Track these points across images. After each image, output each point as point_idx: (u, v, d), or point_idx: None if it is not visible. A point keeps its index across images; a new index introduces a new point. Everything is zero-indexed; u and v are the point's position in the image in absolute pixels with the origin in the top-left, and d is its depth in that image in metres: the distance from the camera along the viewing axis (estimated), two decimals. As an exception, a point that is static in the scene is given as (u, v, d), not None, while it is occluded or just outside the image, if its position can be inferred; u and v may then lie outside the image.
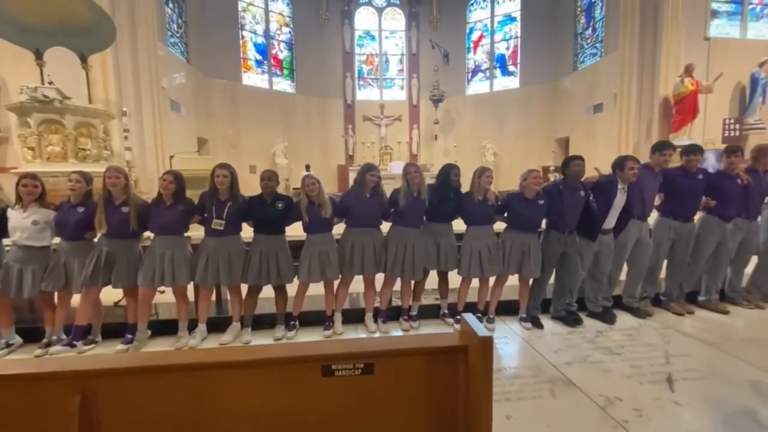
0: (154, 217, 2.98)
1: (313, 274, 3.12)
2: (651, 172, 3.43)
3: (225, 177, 3.01)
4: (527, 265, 3.21)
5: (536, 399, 2.24)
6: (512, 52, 14.37)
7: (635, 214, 3.37)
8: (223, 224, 2.99)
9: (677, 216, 3.51)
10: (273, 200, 3.12)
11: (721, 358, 2.71)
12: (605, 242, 3.35)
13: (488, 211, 3.26)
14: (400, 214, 3.22)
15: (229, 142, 12.23)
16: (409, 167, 3.26)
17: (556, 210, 3.20)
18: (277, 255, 3.10)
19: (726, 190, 3.46)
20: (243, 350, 1.38)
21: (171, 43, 10.20)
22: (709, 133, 9.14)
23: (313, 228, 3.14)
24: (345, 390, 1.30)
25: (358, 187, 3.22)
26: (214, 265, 3.02)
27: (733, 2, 9.68)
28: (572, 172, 3.21)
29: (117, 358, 1.51)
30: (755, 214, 3.62)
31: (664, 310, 3.62)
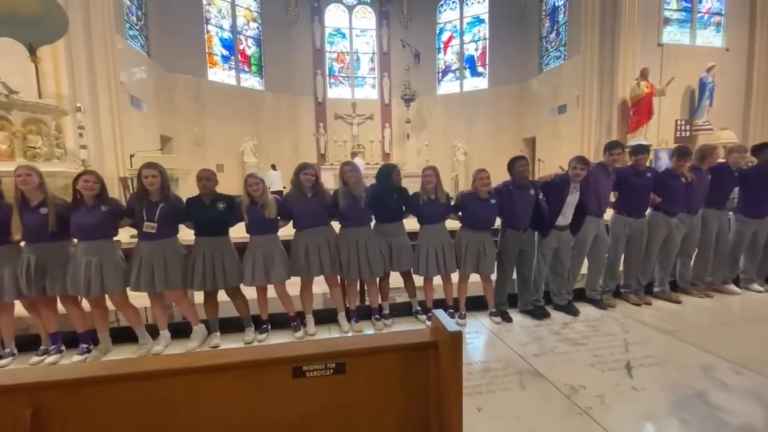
0: (75, 221, 2.75)
1: (258, 277, 3.03)
2: (605, 171, 3.61)
3: (154, 177, 2.82)
4: (483, 264, 3.30)
5: (506, 391, 2.31)
6: (481, 53, 14.69)
7: (591, 212, 3.53)
8: (155, 227, 2.83)
9: (630, 212, 3.71)
10: (213, 201, 3.00)
11: (674, 344, 2.89)
12: (563, 238, 3.49)
13: (438, 210, 3.30)
14: (343, 215, 3.20)
15: (195, 140, 11.80)
16: (344, 167, 3.22)
17: (507, 209, 3.31)
18: (222, 257, 2.98)
19: (672, 188, 3.69)
20: (209, 354, 1.33)
21: (130, 36, 9.71)
22: (662, 133, 9.71)
23: (256, 229, 3.06)
24: (317, 391, 1.28)
25: (295, 188, 3.13)
26: (148, 270, 2.85)
27: (683, 10, 10.32)
28: (517, 173, 3.33)
29: (71, 368, 1.42)
30: (696, 210, 3.87)
31: (624, 301, 3.82)
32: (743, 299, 3.89)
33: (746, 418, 1.99)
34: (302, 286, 3.25)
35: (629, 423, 1.98)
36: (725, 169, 3.92)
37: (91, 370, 1.26)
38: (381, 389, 1.33)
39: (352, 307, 3.35)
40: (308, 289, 3.26)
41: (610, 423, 1.97)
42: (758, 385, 2.30)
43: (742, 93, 10.44)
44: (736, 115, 10.37)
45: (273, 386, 1.26)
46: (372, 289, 3.37)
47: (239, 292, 3.14)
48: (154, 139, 9.98)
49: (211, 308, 3.08)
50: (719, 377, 2.40)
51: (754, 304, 3.76)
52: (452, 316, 3.40)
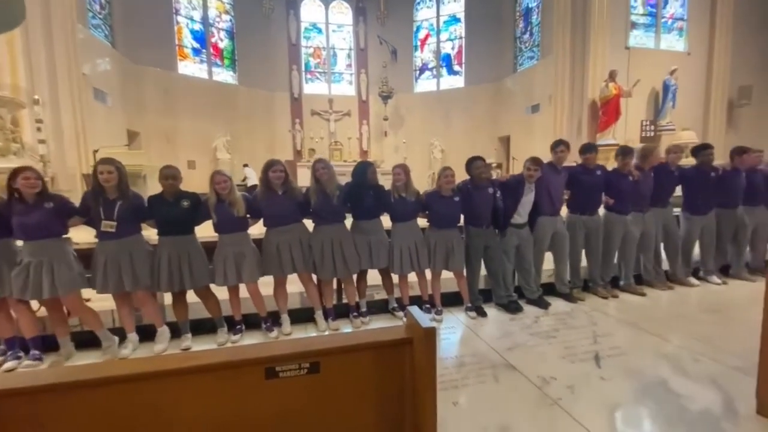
0: (17, 221, 2.57)
1: (230, 277, 2.96)
2: (554, 170, 3.73)
3: (110, 173, 2.68)
4: (452, 260, 3.36)
5: (480, 384, 2.35)
6: (457, 52, 14.85)
7: (545, 211, 3.67)
8: (114, 225, 2.70)
9: (583, 211, 3.86)
10: (177, 198, 2.89)
11: (639, 335, 3.03)
12: (523, 236, 3.62)
13: (407, 208, 3.33)
14: (316, 213, 3.18)
15: (165, 135, 11.38)
16: (317, 164, 3.19)
17: (467, 207, 3.40)
18: (189, 257, 2.89)
19: (621, 187, 3.85)
20: (178, 357, 1.29)
21: (93, 25, 9.25)
22: (629, 133, 10.12)
23: (225, 227, 2.98)
24: (291, 391, 1.27)
25: (264, 185, 3.07)
26: (114, 271, 2.72)
27: (649, 15, 10.77)
28: (474, 173, 3.43)
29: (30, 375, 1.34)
30: (645, 208, 4.05)
31: (593, 294, 3.96)
32: (701, 291, 4.10)
33: (705, 404, 2.11)
34: (275, 284, 3.19)
35: (597, 412, 2.06)
36: (665, 168, 4.12)
37: (51, 377, 1.19)
38: (356, 387, 1.32)
39: (328, 306, 3.32)
40: (282, 288, 3.21)
41: (578, 412, 2.04)
42: (715, 372, 2.43)
43: (702, 95, 11.00)
44: (696, 116, 10.93)
45: (245, 388, 1.24)
46: (349, 287, 3.35)
47: (209, 292, 3.06)
48: (120, 134, 9.56)
49: (180, 310, 2.98)
50: (680, 365, 2.53)
51: (711, 295, 3.98)
52: (428, 312, 3.43)
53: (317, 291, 3.31)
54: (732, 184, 4.21)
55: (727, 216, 4.28)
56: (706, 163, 4.13)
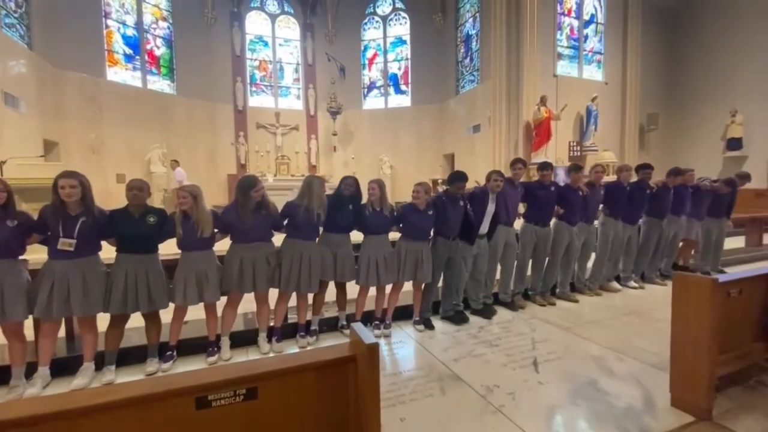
0: None
1: (190, 297, 2.78)
2: (512, 184, 4.01)
3: (73, 188, 2.45)
4: (421, 271, 3.41)
5: (428, 398, 2.36)
6: (404, 72, 15.37)
7: (502, 221, 3.89)
8: (73, 244, 2.47)
9: (537, 222, 4.15)
10: (142, 214, 2.70)
11: (572, 339, 3.24)
12: (482, 246, 3.79)
13: (384, 222, 3.37)
14: (296, 227, 3.13)
15: (90, 146, 10.39)
16: (320, 179, 3.24)
17: (441, 219, 3.50)
18: (147, 277, 2.68)
19: (572, 200, 4.22)
20: (94, 392, 1.14)
21: (6, 24, 8.31)
22: (559, 153, 11.05)
23: (189, 244, 2.81)
24: (225, 421, 1.18)
25: (239, 203, 2.94)
26: (62, 293, 2.46)
27: (572, 47, 11.98)
28: (454, 189, 3.56)
29: None
30: (592, 219, 4.46)
31: (532, 302, 4.20)
32: (623, 295, 4.52)
33: (628, 400, 2.29)
34: (227, 303, 3.01)
35: (536, 416, 2.15)
36: (620, 185, 4.57)
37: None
38: (297, 411, 1.26)
39: (277, 325, 3.17)
40: (233, 308, 3.03)
41: (520, 418, 2.12)
42: (636, 370, 2.67)
43: (618, 120, 12.38)
44: (614, 138, 12.25)
45: (172, 422, 1.13)
46: (302, 303, 3.23)
47: (157, 316, 2.81)
48: (35, 144, 8.56)
49: (114, 337, 2.69)
50: (607, 365, 2.74)
51: (631, 299, 4.40)
52: (378, 327, 3.41)
53: (268, 312, 3.16)
54: (663, 199, 4.78)
55: (654, 225, 4.82)
56: (644, 180, 4.65)
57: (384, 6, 15.26)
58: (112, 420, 1.08)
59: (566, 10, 11.81)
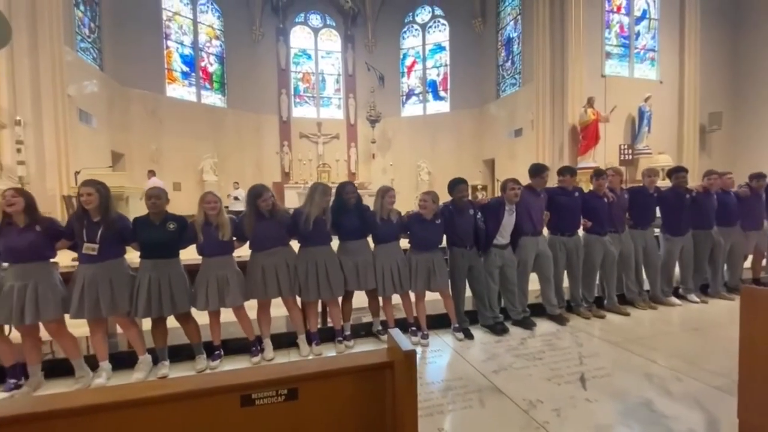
0: (6, 243, 2.53)
1: (212, 301, 2.89)
2: (534, 193, 3.82)
3: (90, 195, 2.62)
4: (434, 280, 3.35)
5: (466, 409, 2.30)
6: (442, 78, 15.33)
7: (527, 232, 3.73)
8: (96, 248, 2.64)
9: (563, 231, 3.93)
10: (163, 221, 2.84)
11: (623, 355, 3.03)
12: (506, 257, 3.65)
13: (392, 230, 3.35)
14: (304, 235, 3.17)
15: (150, 157, 11.29)
16: (322, 186, 3.24)
17: (450, 228, 3.45)
18: (169, 281, 2.80)
19: (597, 208, 3.96)
20: (150, 385, 1.24)
21: (81, 48, 9.29)
22: (608, 156, 10.47)
23: (210, 250, 2.92)
24: (267, 419, 1.22)
25: (251, 212, 3.04)
26: (92, 295, 2.64)
27: (622, 46, 11.36)
28: (456, 197, 3.49)
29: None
30: (621, 229, 4.16)
31: (576, 315, 3.98)
32: (683, 310, 4.17)
33: (690, 425, 2.10)
34: (259, 308, 3.12)
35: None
36: (642, 191, 4.26)
37: (16, 408, 1.12)
38: (336, 414, 1.29)
39: (312, 330, 3.25)
40: (265, 312, 3.14)
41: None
42: (697, 391, 2.45)
43: (675, 121, 11.53)
44: (671, 140, 11.41)
45: (219, 417, 1.19)
46: (333, 310, 3.30)
47: (190, 317, 2.96)
48: (104, 156, 9.45)
49: (159, 335, 2.88)
50: (663, 385, 2.53)
51: (691, 314, 4.04)
52: (415, 334, 3.39)
53: (302, 315, 3.25)
54: (705, 206, 4.35)
55: (702, 237, 4.40)
56: (680, 185, 4.28)
57: (423, 14, 15.36)
58: (165, 412, 1.16)
59: (615, 7, 11.26)
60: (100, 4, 10.22)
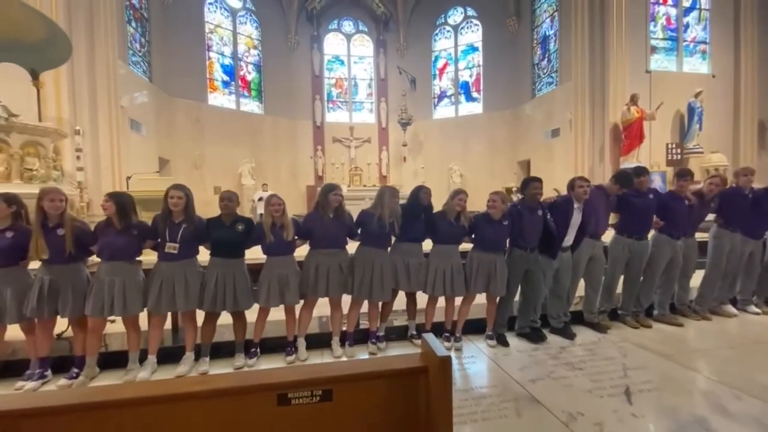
0: (103, 242, 2.78)
1: (272, 299, 3.01)
2: (603, 193, 3.64)
3: (180, 198, 2.86)
4: (494, 284, 3.26)
5: (502, 418, 2.24)
6: (475, 79, 15.09)
7: (589, 233, 3.54)
8: (177, 248, 2.85)
9: (631, 234, 3.70)
10: (233, 222, 3.01)
11: (674, 369, 2.84)
12: (564, 260, 3.49)
13: (458, 232, 3.31)
14: (369, 236, 3.22)
15: (193, 162, 11.88)
16: (387, 190, 3.30)
17: (517, 229, 3.32)
18: (234, 279, 2.96)
19: (676, 210, 3.71)
20: (192, 381, 1.29)
21: (133, 61, 9.94)
22: (654, 156, 9.88)
23: (274, 250, 3.06)
24: (302, 419, 1.24)
25: (320, 208, 3.17)
26: (168, 290, 2.85)
27: (669, 39, 10.71)
28: (530, 195, 3.36)
29: (51, 395, 1.37)
30: (693, 232, 3.88)
31: (622, 324, 3.77)
32: (741, 321, 3.85)
33: (749, 447, 1.93)
34: (303, 306, 3.21)
35: (629, 452, 1.92)
36: (738, 192, 3.93)
37: (70, 398, 1.21)
38: (369, 417, 1.29)
39: (350, 330, 3.28)
40: (309, 310, 3.22)
41: (609, 452, 1.91)
42: (759, 411, 2.24)
43: (730, 117, 10.69)
44: (726, 138, 10.59)
45: (257, 414, 1.22)
46: (373, 312, 3.32)
47: (243, 315, 3.11)
48: (152, 162, 10.06)
49: (208, 332, 3.02)
50: (719, 403, 2.34)
51: (752, 326, 3.72)
52: (447, 339, 3.34)
53: (341, 316, 3.30)
54: None
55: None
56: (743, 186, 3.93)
57: (455, 15, 15.21)
58: (207, 407, 1.21)
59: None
60: (149, 21, 10.91)
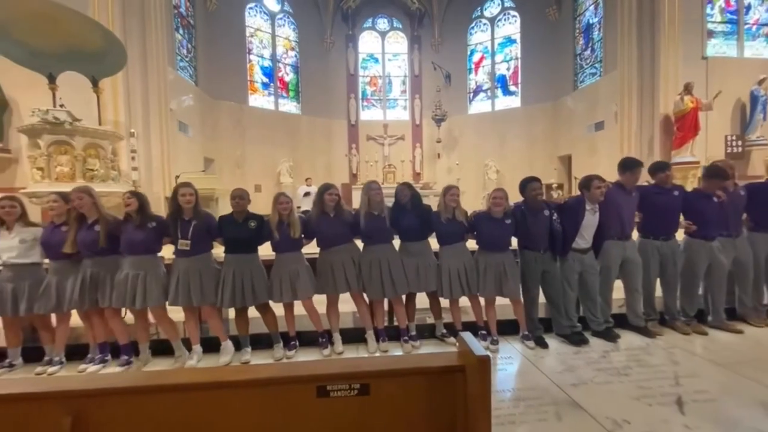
0: (124, 238, 2.96)
1: (285, 293, 3.09)
2: (623, 191, 3.42)
3: (191, 195, 2.99)
4: (506, 285, 3.18)
5: (541, 422, 2.18)
6: (513, 72, 14.62)
7: (613, 235, 3.36)
8: (188, 244, 2.97)
9: (657, 235, 3.48)
10: (245, 219, 3.11)
11: (731, 378, 2.63)
12: (587, 262, 3.34)
13: (457, 230, 3.25)
14: (365, 234, 3.24)
15: (235, 162, 12.41)
16: (372, 184, 3.29)
17: (522, 230, 3.24)
18: (251, 274, 3.06)
19: (702, 209, 3.44)
20: (237, 370, 1.36)
21: (180, 66, 10.50)
22: (711, 149, 9.12)
23: (284, 247, 3.13)
24: (340, 411, 1.27)
25: (317, 207, 3.21)
26: (185, 285, 2.98)
27: (728, 22, 9.84)
28: (528, 195, 3.26)
29: (110, 377, 1.49)
30: (737, 232, 3.57)
31: (671, 329, 3.53)
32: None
33: (822, 468, 1.76)
34: (328, 303, 3.28)
35: (681, 465, 1.80)
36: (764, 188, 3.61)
37: (130, 381, 1.32)
38: (405, 413, 1.30)
39: (379, 327, 3.32)
40: (334, 307, 3.28)
41: (658, 464, 1.80)
42: (835, 430, 2.03)
43: (802, 105, 9.67)
44: (795, 128, 9.60)
45: (297, 404, 1.27)
46: (398, 309, 3.33)
47: (268, 308, 3.22)
48: (198, 161, 10.60)
49: (241, 324, 3.16)
50: (787, 419, 2.15)
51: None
52: (484, 338, 3.28)
53: (369, 311, 3.34)
54: None
55: None
56: None
57: (492, 7, 14.80)
58: (250, 395, 1.26)
59: (720, -21, 9.78)
60: (195, 27, 11.48)
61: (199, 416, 1.24)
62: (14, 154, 7.20)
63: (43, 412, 1.15)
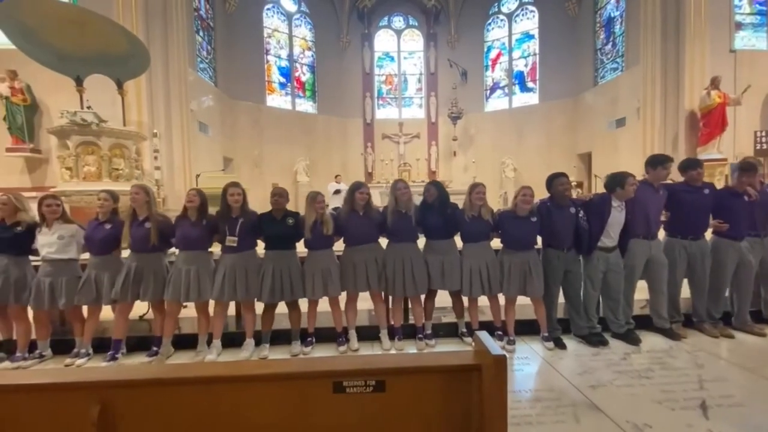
0: (180, 233, 3.09)
1: (317, 291, 3.14)
2: (651, 189, 3.32)
3: (239, 195, 3.09)
4: (531, 285, 3.13)
5: (558, 423, 2.15)
6: (531, 68, 14.38)
7: (638, 233, 3.27)
8: (236, 241, 3.07)
9: (685, 234, 3.36)
10: (283, 217, 3.18)
11: (759, 383, 2.54)
12: (612, 261, 3.25)
13: (482, 228, 3.22)
14: (391, 232, 3.25)
15: (253, 161, 12.62)
16: (398, 183, 3.30)
17: (546, 228, 3.17)
18: (289, 271, 3.13)
19: (733, 208, 3.31)
20: (257, 364, 1.40)
21: (200, 68, 10.73)
22: (739, 146, 8.79)
23: (316, 244, 3.18)
24: (356, 407, 1.29)
25: (349, 206, 3.24)
26: (231, 281, 3.07)
27: (758, 14, 9.43)
28: (556, 191, 3.18)
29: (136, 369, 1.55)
30: (764, 231, 3.43)
31: (697, 332, 3.43)
32: None
33: None
34: (347, 300, 3.31)
35: (704, 471, 1.76)
36: None
37: (155, 373, 1.37)
38: (420, 410, 1.31)
39: (396, 324, 3.33)
40: (353, 304, 3.31)
41: (680, 469, 1.76)
42: None
43: (838, 99, 9.20)
44: (832, 124, 9.14)
45: (313, 399, 1.29)
46: (416, 308, 3.34)
47: (297, 304, 3.28)
48: (217, 161, 10.83)
49: (268, 320, 3.23)
50: (820, 427, 2.06)
51: None
52: (501, 339, 3.26)
53: (385, 311, 3.35)
54: None
55: None
56: None
57: (509, 3, 14.58)
58: (268, 389, 1.29)
59: (751, -33, 9.38)
60: (215, 29, 11.71)
61: (220, 408, 1.27)
62: (44, 154, 7.52)
63: (71, 401, 1.21)
